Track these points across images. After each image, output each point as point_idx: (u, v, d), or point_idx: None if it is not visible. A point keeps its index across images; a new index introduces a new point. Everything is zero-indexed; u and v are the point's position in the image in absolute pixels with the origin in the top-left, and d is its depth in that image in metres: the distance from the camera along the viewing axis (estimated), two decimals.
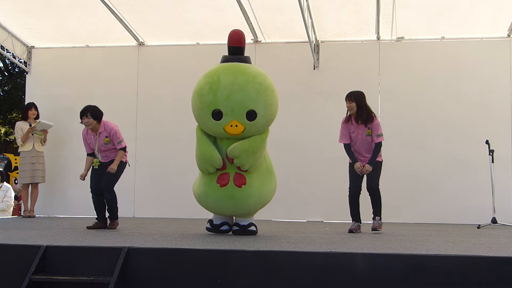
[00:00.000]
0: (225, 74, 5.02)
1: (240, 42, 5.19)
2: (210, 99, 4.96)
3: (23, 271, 3.80)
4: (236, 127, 4.93)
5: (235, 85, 4.95)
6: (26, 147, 8.25)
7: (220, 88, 4.94)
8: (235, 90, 4.93)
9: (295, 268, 3.74)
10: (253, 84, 4.98)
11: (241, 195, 5.05)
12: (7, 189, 9.32)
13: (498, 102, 8.25)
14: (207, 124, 5.07)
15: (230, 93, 4.92)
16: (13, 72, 19.35)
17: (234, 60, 5.16)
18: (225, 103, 4.91)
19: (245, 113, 4.94)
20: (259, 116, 5.00)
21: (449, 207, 8.16)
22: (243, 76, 5.01)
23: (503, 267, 3.56)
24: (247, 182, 5.05)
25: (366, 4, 7.75)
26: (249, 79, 4.99)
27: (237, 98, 4.92)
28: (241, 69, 5.08)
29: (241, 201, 5.07)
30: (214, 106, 4.94)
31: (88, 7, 8.21)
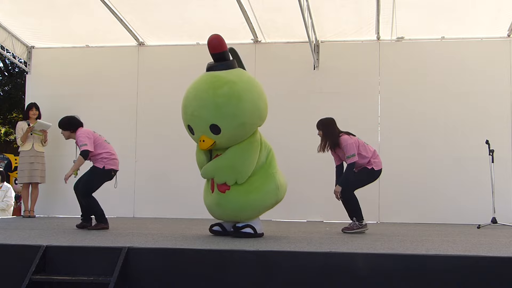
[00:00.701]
0: (193, 89, 4.99)
1: (220, 47, 5.04)
2: (183, 115, 5.05)
3: (23, 271, 3.80)
4: (203, 142, 4.89)
5: (196, 100, 4.90)
6: (26, 146, 8.26)
7: (187, 104, 4.98)
8: (196, 105, 4.89)
9: (295, 268, 3.74)
10: (213, 98, 4.81)
11: (226, 201, 4.96)
12: (7, 189, 9.32)
13: (498, 102, 8.26)
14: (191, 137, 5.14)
15: (193, 109, 4.91)
16: (13, 72, 19.35)
17: (214, 68, 5.04)
18: (191, 119, 4.95)
19: (208, 128, 4.86)
20: (223, 129, 4.83)
21: (449, 207, 8.17)
22: (204, 90, 4.89)
23: (503, 267, 3.56)
24: (231, 187, 4.94)
25: (366, 4, 7.76)
26: (209, 92, 4.85)
27: (199, 114, 4.87)
28: (206, 81, 4.94)
29: (227, 207, 4.97)
30: (186, 122, 5.04)
31: (88, 7, 8.22)
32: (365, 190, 6.19)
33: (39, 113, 8.51)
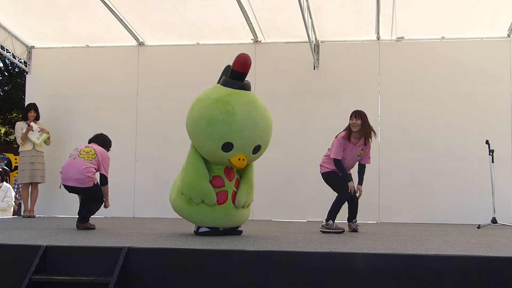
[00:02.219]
0: (239, 106, 4.90)
1: (248, 68, 5.10)
2: (224, 131, 4.86)
3: (23, 271, 3.80)
4: (243, 161, 4.97)
5: (249, 120, 4.91)
6: (26, 146, 8.25)
7: (235, 121, 4.86)
8: (249, 125, 4.91)
9: (295, 268, 3.74)
10: (263, 120, 5.02)
11: (236, 213, 5.18)
12: (7, 189, 9.31)
13: (498, 102, 8.25)
14: (212, 152, 4.99)
15: (244, 128, 4.89)
16: (13, 72, 19.36)
17: (242, 87, 5.06)
18: (239, 137, 4.89)
19: (253, 148, 5.02)
20: (262, 148, 5.14)
21: (449, 207, 8.16)
22: (255, 111, 4.98)
23: (503, 267, 3.56)
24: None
25: (366, 4, 7.76)
26: (259, 114, 4.99)
27: (250, 134, 4.93)
28: (252, 102, 5.01)
29: (236, 217, 5.21)
30: (227, 138, 4.88)
31: (88, 7, 8.21)
32: (365, 190, 6.18)
33: (37, 115, 8.49)
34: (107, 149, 6.34)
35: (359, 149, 6.03)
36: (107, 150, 6.34)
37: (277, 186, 8.47)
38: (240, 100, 4.95)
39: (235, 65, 5.05)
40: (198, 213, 5.10)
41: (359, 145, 6.02)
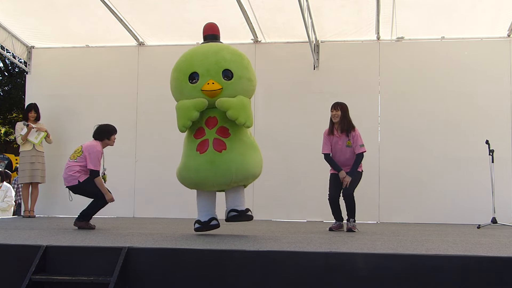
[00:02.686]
0: (199, 47, 5.29)
1: (214, 31, 5.40)
2: (186, 65, 5.14)
3: (23, 271, 3.80)
4: (212, 85, 4.98)
5: (209, 51, 5.13)
6: (27, 146, 8.24)
7: (194, 54, 5.16)
8: (209, 53, 5.11)
9: (295, 268, 3.73)
10: (226, 50, 5.18)
11: (221, 160, 4.90)
12: (7, 189, 9.33)
13: (498, 102, 8.25)
14: (185, 90, 5.10)
15: (204, 56, 5.09)
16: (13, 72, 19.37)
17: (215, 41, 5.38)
18: (200, 64, 5.05)
19: (221, 72, 5.02)
20: (236, 76, 5.06)
21: (449, 207, 8.17)
22: (216, 45, 5.24)
23: (503, 267, 3.56)
24: (228, 147, 4.94)
25: (366, 4, 7.76)
26: (223, 46, 5.25)
27: (212, 59, 5.06)
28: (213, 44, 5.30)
29: (221, 166, 4.91)
30: (190, 69, 5.08)
31: (88, 7, 8.22)
32: (365, 190, 6.20)
33: (37, 115, 8.48)
34: (107, 138, 6.24)
35: (345, 140, 6.11)
36: (108, 138, 6.24)
37: (277, 186, 8.47)
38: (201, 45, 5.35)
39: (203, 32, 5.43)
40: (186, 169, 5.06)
41: (343, 137, 6.13)
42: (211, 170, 4.92)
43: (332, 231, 6.06)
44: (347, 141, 6.12)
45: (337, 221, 6.26)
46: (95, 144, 6.17)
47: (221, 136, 4.97)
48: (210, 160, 4.92)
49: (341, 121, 6.17)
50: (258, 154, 5.21)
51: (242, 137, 5.10)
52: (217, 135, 4.97)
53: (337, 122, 6.20)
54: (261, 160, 5.23)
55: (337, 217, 6.25)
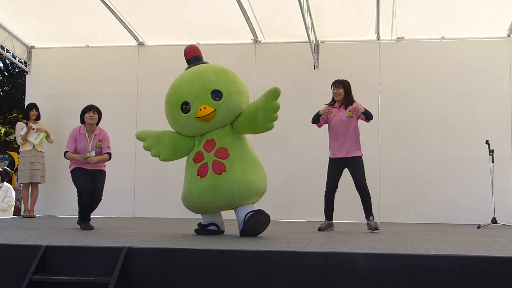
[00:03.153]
0: (183, 74, 5.32)
1: (195, 52, 5.50)
2: (175, 96, 5.16)
3: (23, 271, 3.80)
4: (205, 109, 4.99)
5: (193, 75, 5.17)
6: (27, 146, 8.25)
7: (181, 84, 5.19)
8: (193, 78, 5.14)
9: (295, 268, 3.73)
10: (209, 70, 5.19)
11: (222, 182, 4.93)
12: (7, 189, 9.33)
13: (498, 102, 8.26)
14: (181, 122, 5.16)
15: (190, 83, 5.12)
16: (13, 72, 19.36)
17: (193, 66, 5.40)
18: (188, 92, 5.07)
19: (209, 94, 5.03)
20: (225, 94, 5.05)
21: (449, 207, 8.17)
22: (199, 68, 5.26)
23: (503, 267, 3.56)
24: (227, 168, 4.95)
25: (366, 4, 7.76)
26: (205, 68, 5.26)
27: (198, 83, 5.07)
28: (196, 67, 5.33)
29: (223, 188, 4.93)
30: (180, 100, 5.10)
31: (88, 7, 8.22)
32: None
33: (38, 114, 8.52)
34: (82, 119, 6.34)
35: (345, 113, 6.09)
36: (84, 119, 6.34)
37: (277, 186, 8.45)
38: (187, 71, 5.37)
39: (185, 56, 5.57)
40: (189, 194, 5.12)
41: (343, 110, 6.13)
42: (213, 193, 4.98)
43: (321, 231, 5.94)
44: (348, 112, 6.06)
45: (327, 220, 6.15)
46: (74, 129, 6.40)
47: (219, 158, 5.01)
48: (211, 184, 4.97)
49: (344, 99, 6.15)
50: (261, 170, 5.20)
51: (242, 156, 5.12)
52: (216, 158, 5.02)
53: (339, 100, 6.16)
54: (265, 176, 5.23)
55: (329, 216, 6.15)
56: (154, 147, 5.30)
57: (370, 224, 6.01)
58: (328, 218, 6.17)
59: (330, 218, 6.17)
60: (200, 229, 5.32)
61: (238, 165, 5.02)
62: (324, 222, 6.16)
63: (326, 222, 6.16)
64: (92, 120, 6.29)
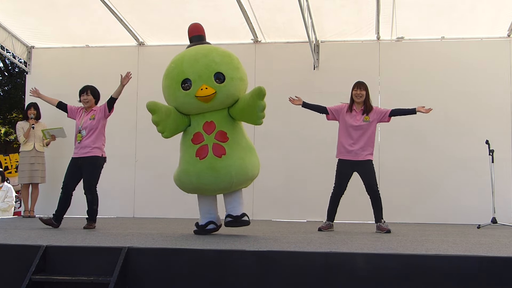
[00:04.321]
0: (188, 51, 5.27)
1: (199, 31, 5.49)
2: (177, 72, 5.12)
3: (23, 271, 3.80)
4: (206, 90, 4.98)
5: (198, 54, 5.12)
6: (27, 147, 8.23)
7: (184, 60, 5.13)
8: (198, 57, 5.09)
9: (295, 268, 3.73)
10: (215, 52, 5.17)
11: (221, 165, 4.95)
12: (7, 189, 9.36)
13: (498, 102, 8.26)
14: (179, 98, 5.13)
15: (194, 61, 5.07)
16: (13, 72, 19.36)
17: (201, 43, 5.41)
18: (191, 70, 5.03)
19: (212, 76, 5.01)
20: (228, 78, 5.05)
21: (449, 207, 8.17)
22: (205, 48, 5.24)
23: (503, 267, 3.56)
24: (227, 152, 4.97)
25: (366, 4, 7.76)
26: (211, 48, 5.24)
27: (202, 63, 5.04)
28: (202, 46, 5.31)
29: (222, 171, 4.95)
30: (181, 76, 5.07)
31: (88, 7, 8.22)
32: (365, 190, 6.17)
33: (37, 113, 8.46)
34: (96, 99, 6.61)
35: (362, 117, 6.03)
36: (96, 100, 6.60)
37: (277, 186, 8.48)
38: (189, 49, 5.33)
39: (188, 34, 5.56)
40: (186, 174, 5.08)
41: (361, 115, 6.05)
42: (212, 175, 4.97)
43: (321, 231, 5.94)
44: (365, 117, 6.02)
45: (328, 220, 6.14)
46: None
47: (220, 141, 5.01)
48: (211, 166, 4.96)
49: (364, 102, 6.09)
50: (255, 156, 5.25)
51: (240, 141, 5.14)
52: (216, 140, 5.01)
53: (360, 102, 6.09)
54: (259, 162, 5.27)
55: (331, 217, 6.14)
56: (161, 123, 5.18)
57: (381, 227, 5.96)
58: (330, 219, 6.16)
59: (331, 219, 6.16)
60: (199, 230, 5.30)
61: (237, 150, 5.05)
62: (325, 222, 6.15)
63: (327, 222, 6.14)
64: (87, 102, 6.36)
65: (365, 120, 6.02)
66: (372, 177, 6.02)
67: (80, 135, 6.17)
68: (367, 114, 6.06)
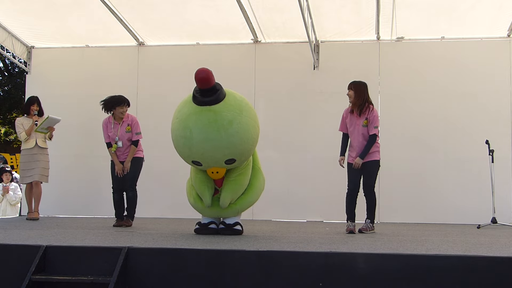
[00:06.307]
0: (197, 129, 4.83)
1: (208, 83, 4.76)
2: (187, 153, 5.03)
3: (23, 271, 3.80)
4: (217, 174, 5.09)
5: (207, 143, 4.84)
6: (28, 144, 7.55)
7: (193, 145, 4.89)
8: (207, 148, 4.87)
9: (295, 268, 3.73)
10: (226, 138, 4.81)
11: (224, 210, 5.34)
12: (15, 188, 9.55)
13: (498, 102, 8.26)
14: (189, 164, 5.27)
15: (203, 150, 4.90)
16: (13, 72, 19.36)
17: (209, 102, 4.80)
18: (202, 158, 4.99)
19: (223, 163, 5.02)
20: (238, 159, 5.07)
21: (449, 207, 8.16)
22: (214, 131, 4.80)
23: (503, 267, 3.56)
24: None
25: (366, 4, 7.75)
26: (221, 133, 4.80)
27: (211, 155, 4.92)
28: (212, 122, 4.80)
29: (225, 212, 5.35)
30: (191, 158, 5.05)
31: (88, 7, 8.21)
32: None
33: (40, 109, 7.73)
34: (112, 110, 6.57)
35: (362, 120, 6.00)
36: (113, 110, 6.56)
37: (277, 186, 8.46)
38: (198, 122, 4.83)
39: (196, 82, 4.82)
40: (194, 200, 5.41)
41: (362, 117, 6.00)
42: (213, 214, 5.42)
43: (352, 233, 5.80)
44: (364, 121, 5.99)
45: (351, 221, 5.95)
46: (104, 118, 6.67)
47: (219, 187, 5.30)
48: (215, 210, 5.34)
49: (356, 101, 6.02)
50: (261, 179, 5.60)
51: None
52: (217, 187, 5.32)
53: (351, 102, 6.07)
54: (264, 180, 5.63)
55: (352, 217, 5.97)
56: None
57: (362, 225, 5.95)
58: (352, 219, 5.97)
59: (353, 219, 5.97)
60: (200, 228, 5.34)
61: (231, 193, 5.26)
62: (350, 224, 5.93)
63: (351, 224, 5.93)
64: (123, 114, 6.54)
65: (364, 125, 5.98)
66: (370, 177, 6.00)
67: (115, 146, 6.49)
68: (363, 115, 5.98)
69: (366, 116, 5.96)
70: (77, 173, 9.02)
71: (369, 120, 5.94)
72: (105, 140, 6.59)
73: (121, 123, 6.53)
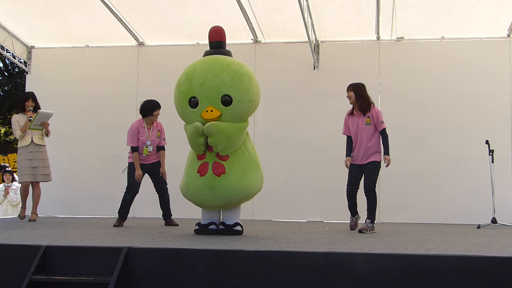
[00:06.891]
0: (201, 65, 5.18)
1: (220, 37, 5.36)
2: (186, 87, 5.09)
3: (23, 271, 3.80)
4: (211, 112, 5.00)
5: (209, 72, 5.05)
6: (24, 142, 7.16)
7: (195, 76, 5.07)
8: (209, 76, 5.03)
9: (295, 268, 3.73)
10: (227, 71, 5.05)
11: (219, 184, 5.02)
12: (16, 188, 9.56)
13: (498, 102, 8.26)
14: (186, 114, 5.15)
15: (204, 80, 5.02)
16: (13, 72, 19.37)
17: (217, 53, 5.27)
18: (200, 90, 5.02)
19: (220, 98, 5.00)
20: (235, 101, 5.03)
21: (449, 207, 8.17)
22: (217, 64, 5.12)
23: (503, 267, 3.56)
24: (226, 171, 5.03)
25: (366, 4, 7.76)
26: (223, 66, 5.09)
27: (211, 84, 5.00)
28: (216, 59, 5.19)
29: (220, 191, 5.04)
30: (189, 94, 5.06)
31: (88, 7, 8.22)
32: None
33: (36, 105, 7.31)
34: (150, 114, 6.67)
35: (364, 119, 6.04)
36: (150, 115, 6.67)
37: (277, 186, 8.47)
38: (204, 61, 5.23)
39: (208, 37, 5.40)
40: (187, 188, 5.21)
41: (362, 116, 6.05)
42: (209, 194, 5.07)
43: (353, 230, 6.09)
44: (366, 119, 6.03)
45: (353, 216, 6.27)
46: (133, 122, 6.70)
47: (220, 159, 5.08)
48: (209, 185, 5.04)
49: (356, 101, 6.09)
50: (258, 172, 5.27)
51: (241, 157, 5.17)
52: (217, 158, 5.08)
53: (352, 104, 6.14)
54: (262, 177, 5.30)
55: (354, 211, 6.26)
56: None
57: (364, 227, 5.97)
58: (354, 214, 6.28)
59: (355, 213, 6.28)
60: (200, 229, 5.32)
61: (237, 168, 5.09)
62: (352, 219, 6.29)
63: (353, 218, 6.29)
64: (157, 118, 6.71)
65: (367, 123, 6.02)
66: (371, 177, 6.03)
67: (147, 150, 6.61)
68: (365, 114, 6.05)
69: (368, 115, 6.03)
70: (77, 173, 9.02)
71: (373, 118, 6.01)
72: (132, 144, 6.59)
73: (152, 128, 6.67)
